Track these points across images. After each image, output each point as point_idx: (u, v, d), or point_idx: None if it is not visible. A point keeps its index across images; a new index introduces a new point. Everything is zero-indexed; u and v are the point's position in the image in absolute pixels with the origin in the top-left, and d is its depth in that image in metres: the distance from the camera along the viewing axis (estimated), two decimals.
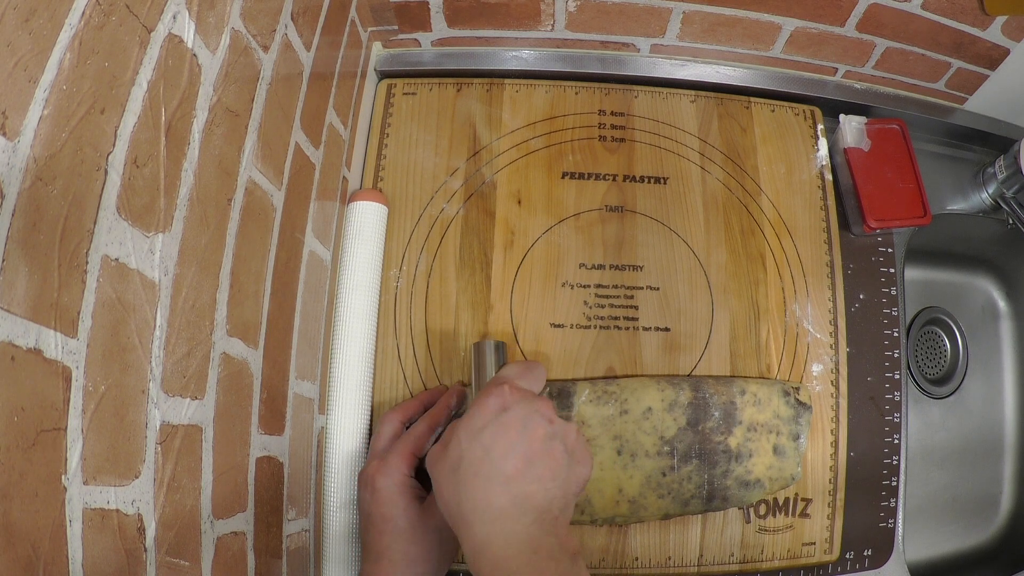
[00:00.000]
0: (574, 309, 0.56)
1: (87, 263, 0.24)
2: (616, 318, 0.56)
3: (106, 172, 0.25)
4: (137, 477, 0.27)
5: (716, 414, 0.51)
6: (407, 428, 0.50)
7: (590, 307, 0.56)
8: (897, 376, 0.58)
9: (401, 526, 0.44)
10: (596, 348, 0.55)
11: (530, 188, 0.59)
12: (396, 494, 0.45)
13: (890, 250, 0.61)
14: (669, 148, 0.61)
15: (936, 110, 0.66)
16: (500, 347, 0.49)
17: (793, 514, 0.54)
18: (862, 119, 0.61)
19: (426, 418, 0.49)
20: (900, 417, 0.57)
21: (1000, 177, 0.64)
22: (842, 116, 0.61)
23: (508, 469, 0.38)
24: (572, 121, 0.61)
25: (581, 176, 0.59)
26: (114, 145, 0.25)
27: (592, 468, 0.42)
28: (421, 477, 0.47)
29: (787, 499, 0.54)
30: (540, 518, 0.37)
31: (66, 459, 0.23)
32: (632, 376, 0.54)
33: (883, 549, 0.55)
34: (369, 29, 0.59)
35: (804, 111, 0.63)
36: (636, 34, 0.61)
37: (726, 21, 0.59)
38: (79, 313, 0.24)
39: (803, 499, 0.54)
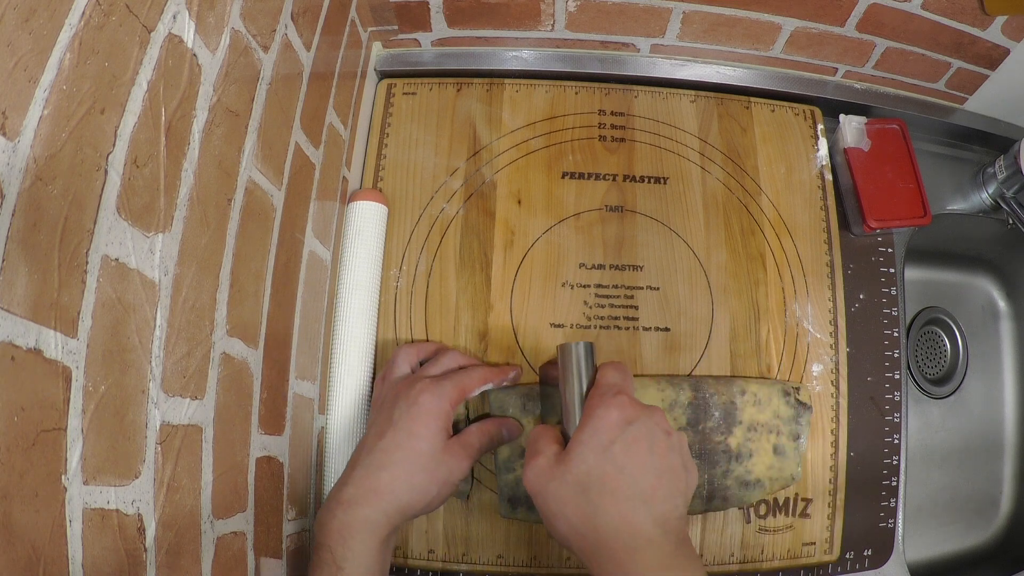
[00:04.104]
0: (574, 309, 0.56)
1: (87, 263, 0.24)
2: (616, 318, 0.56)
3: (106, 172, 0.25)
4: (137, 477, 0.27)
5: (716, 414, 0.51)
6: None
7: (590, 307, 0.56)
8: (897, 376, 0.58)
9: (422, 449, 0.42)
10: (596, 348, 0.55)
11: (530, 188, 0.59)
12: (434, 418, 0.43)
13: (890, 250, 0.61)
14: (669, 148, 0.61)
15: (936, 110, 0.66)
16: (590, 349, 0.44)
17: (793, 514, 0.54)
18: (862, 119, 0.61)
19: (481, 374, 0.48)
20: (900, 417, 0.57)
21: (1000, 177, 0.64)
22: (842, 116, 0.61)
23: (646, 488, 0.35)
24: (572, 121, 0.61)
25: (581, 176, 0.59)
26: (114, 145, 0.25)
27: (697, 475, 0.40)
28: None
29: (787, 499, 0.54)
30: (678, 538, 0.36)
31: (66, 459, 0.23)
32: (632, 376, 0.54)
33: (883, 549, 0.55)
34: (369, 29, 0.59)
35: (804, 111, 0.63)
36: (636, 34, 0.61)
37: (726, 21, 0.59)
38: (79, 313, 0.24)
39: (803, 499, 0.54)
